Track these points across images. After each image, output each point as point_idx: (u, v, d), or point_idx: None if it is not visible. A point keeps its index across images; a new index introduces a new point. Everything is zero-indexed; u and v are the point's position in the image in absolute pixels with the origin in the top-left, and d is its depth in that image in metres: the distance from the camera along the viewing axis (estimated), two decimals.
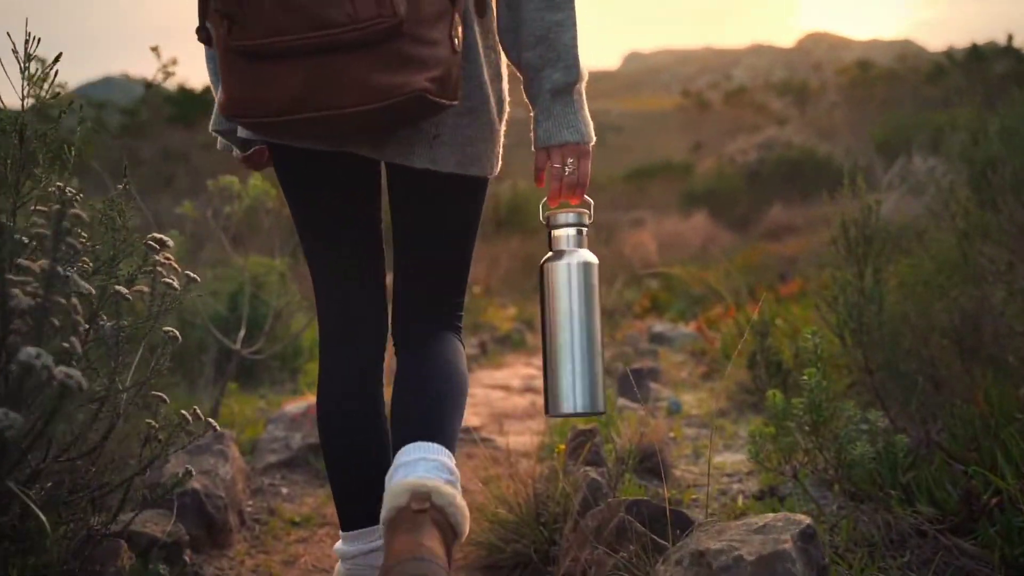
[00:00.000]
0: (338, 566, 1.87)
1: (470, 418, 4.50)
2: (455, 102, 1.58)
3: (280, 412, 3.57)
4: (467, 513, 1.51)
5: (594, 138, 1.73)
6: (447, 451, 1.61)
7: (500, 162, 1.80)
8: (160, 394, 1.79)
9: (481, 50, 1.70)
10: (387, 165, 1.76)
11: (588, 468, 2.44)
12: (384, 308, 1.87)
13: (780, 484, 2.70)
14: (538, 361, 6.48)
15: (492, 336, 7.17)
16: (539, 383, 4.77)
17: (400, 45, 1.50)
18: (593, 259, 1.76)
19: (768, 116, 24.61)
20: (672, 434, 3.67)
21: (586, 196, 1.76)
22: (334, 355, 1.84)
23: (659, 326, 7.01)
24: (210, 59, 1.80)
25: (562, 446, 2.74)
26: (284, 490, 3.11)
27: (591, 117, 1.75)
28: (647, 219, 13.54)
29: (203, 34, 1.63)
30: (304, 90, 1.49)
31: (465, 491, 1.66)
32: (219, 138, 1.91)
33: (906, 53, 22.98)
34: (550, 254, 1.77)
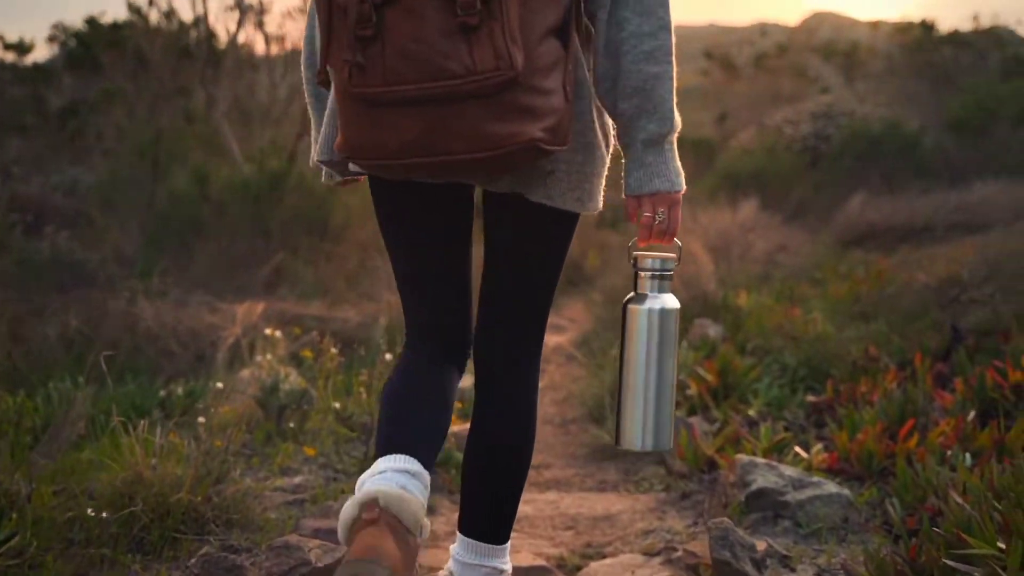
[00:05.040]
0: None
1: None
2: (565, 146, 1.60)
3: None
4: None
5: (684, 187, 1.73)
6: (497, 550, 1.90)
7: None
8: None
9: (590, 86, 1.70)
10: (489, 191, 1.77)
11: None
12: (468, 322, 1.90)
13: None
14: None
15: None
16: None
17: (515, 96, 1.52)
18: (675, 305, 1.81)
19: (809, 83, 20.53)
20: None
21: (676, 240, 1.76)
22: (414, 348, 1.88)
23: (760, 470, 3.07)
24: (314, 94, 1.87)
25: None
26: None
27: None
28: None
29: (323, 77, 1.65)
30: (420, 137, 1.52)
31: None
32: (323, 168, 1.90)
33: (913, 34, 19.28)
34: (633, 295, 1.82)
